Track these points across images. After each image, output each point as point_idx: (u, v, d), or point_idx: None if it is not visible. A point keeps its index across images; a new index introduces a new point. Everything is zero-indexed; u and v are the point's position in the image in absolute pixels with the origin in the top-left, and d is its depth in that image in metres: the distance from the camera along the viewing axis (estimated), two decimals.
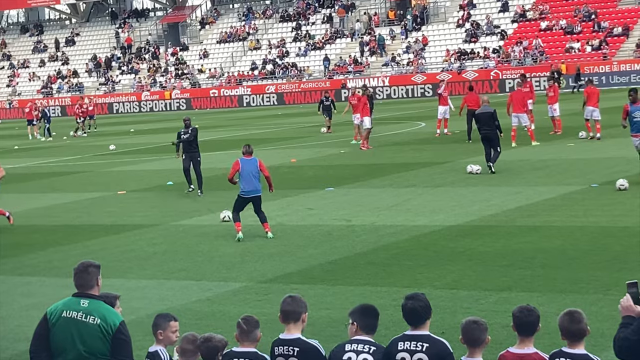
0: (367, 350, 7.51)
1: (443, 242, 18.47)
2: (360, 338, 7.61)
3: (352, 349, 7.56)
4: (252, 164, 20.70)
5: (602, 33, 76.60)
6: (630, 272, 14.57)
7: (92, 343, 7.84)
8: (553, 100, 37.93)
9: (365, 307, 7.84)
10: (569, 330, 7.18)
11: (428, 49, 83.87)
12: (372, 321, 7.70)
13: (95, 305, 7.94)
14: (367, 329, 7.65)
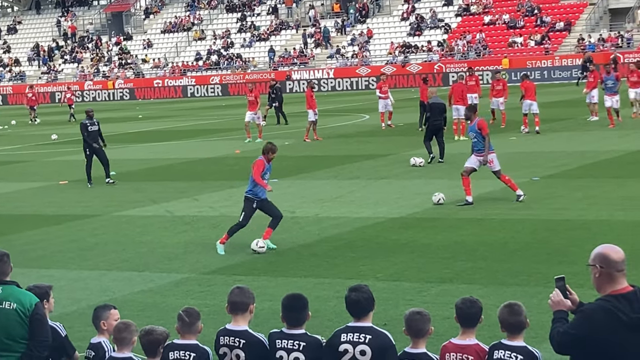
0: (298, 347, 7.50)
1: (386, 234, 18.55)
2: (291, 332, 7.59)
3: (282, 346, 7.54)
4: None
5: (545, 28, 77.32)
6: (570, 264, 14.75)
7: (11, 329, 7.81)
8: (500, 94, 38.27)
9: (289, 301, 7.74)
10: (508, 322, 7.25)
11: (373, 41, 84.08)
12: (297, 314, 7.63)
13: (8, 290, 7.93)
14: (293, 322, 7.64)
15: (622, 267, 6.52)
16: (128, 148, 39.65)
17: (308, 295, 13.97)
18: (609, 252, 6.53)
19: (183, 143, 41.01)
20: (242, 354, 7.64)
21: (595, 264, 6.55)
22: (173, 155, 35.87)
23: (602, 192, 21.63)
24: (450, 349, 7.38)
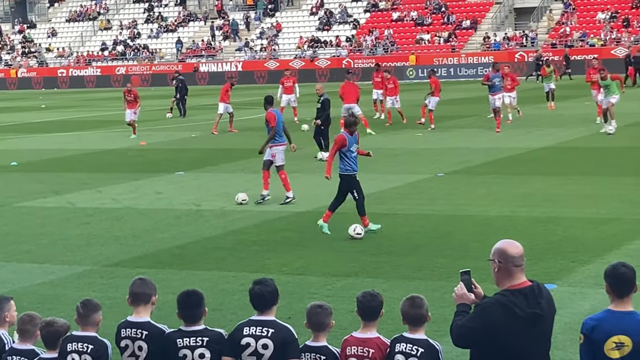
0: (201, 343, 7.44)
1: (292, 228, 18.54)
2: (191, 330, 7.53)
3: (185, 344, 7.47)
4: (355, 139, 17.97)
5: (452, 26, 78.17)
6: (472, 259, 14.90)
7: None
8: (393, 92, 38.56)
9: (183, 297, 7.64)
10: (409, 315, 7.30)
11: (282, 35, 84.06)
12: (192, 311, 7.57)
13: None
14: (190, 319, 7.57)
15: (520, 263, 6.61)
16: (30, 138, 38.99)
17: (212, 288, 13.99)
18: (507, 248, 6.62)
19: (86, 134, 40.48)
20: (145, 345, 7.56)
21: (495, 258, 6.65)
22: (76, 147, 35.39)
23: (505, 189, 21.93)
24: (351, 343, 7.40)
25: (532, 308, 6.51)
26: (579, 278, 13.89)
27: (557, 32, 73.72)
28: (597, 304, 11.92)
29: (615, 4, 74.80)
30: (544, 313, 6.58)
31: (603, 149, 28.31)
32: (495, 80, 35.05)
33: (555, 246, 15.95)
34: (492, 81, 35.03)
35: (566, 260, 14.97)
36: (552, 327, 6.82)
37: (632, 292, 6.82)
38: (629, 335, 6.69)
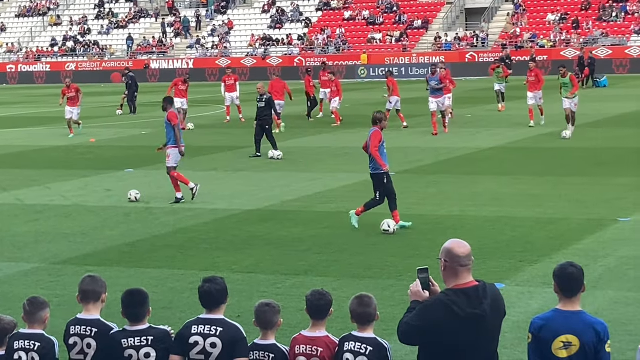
0: (146, 342, 7.39)
1: (242, 226, 18.50)
2: (135, 329, 7.46)
3: (130, 344, 7.41)
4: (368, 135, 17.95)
5: (403, 25, 78.44)
6: (422, 258, 14.95)
7: None
8: (335, 94, 38.65)
9: (127, 296, 7.59)
10: (357, 313, 7.30)
11: (233, 33, 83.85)
12: (136, 310, 7.51)
13: None
14: (133, 318, 7.51)
15: (466, 262, 6.62)
16: None
17: (161, 286, 13.92)
18: (453, 247, 6.65)
19: (35, 130, 40.13)
20: (94, 343, 7.51)
21: (442, 257, 6.68)
22: (24, 143, 35.05)
23: (455, 188, 22.05)
24: (300, 341, 7.39)
25: (474, 308, 6.52)
26: (527, 277, 13.99)
27: (507, 33, 74.22)
28: (545, 303, 12.02)
29: (565, 5, 75.49)
30: (486, 314, 6.56)
31: (551, 149, 28.54)
32: (433, 83, 34.37)
33: (504, 245, 16.06)
34: (430, 84, 34.46)
35: (514, 259, 15.07)
36: (500, 328, 6.82)
37: (580, 292, 6.87)
38: (576, 334, 6.75)
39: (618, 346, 10.05)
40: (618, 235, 16.51)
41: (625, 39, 69.94)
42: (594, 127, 33.72)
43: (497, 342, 6.82)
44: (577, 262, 7.01)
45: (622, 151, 27.42)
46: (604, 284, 13.41)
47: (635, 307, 12.21)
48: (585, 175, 23.28)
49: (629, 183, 21.78)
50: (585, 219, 17.96)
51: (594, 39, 70.32)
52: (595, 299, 12.42)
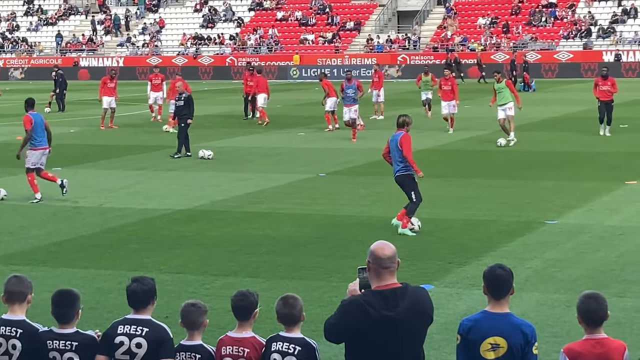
0: (70, 347, 7.28)
1: (172, 226, 18.38)
2: (62, 332, 7.36)
3: (54, 347, 7.32)
4: (395, 138, 17.54)
5: (336, 27, 78.62)
6: (352, 259, 14.98)
7: None
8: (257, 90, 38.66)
9: (56, 296, 7.48)
10: (283, 314, 7.31)
11: (164, 31, 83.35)
12: (64, 310, 7.40)
13: None
14: (62, 319, 7.40)
15: (388, 265, 6.62)
16: None
17: (88, 286, 13.77)
18: (376, 249, 6.66)
19: None
20: (19, 344, 7.40)
21: (368, 259, 6.69)
22: None
23: (386, 190, 22.09)
24: (226, 342, 7.37)
25: (388, 311, 6.52)
26: (455, 279, 14.08)
27: (438, 36, 74.79)
28: (473, 305, 12.12)
29: (495, 9, 76.26)
30: (400, 317, 6.53)
31: (481, 152, 28.79)
32: (349, 91, 33.38)
33: (433, 247, 16.15)
34: (346, 92, 33.43)
35: (443, 261, 15.17)
36: (422, 331, 6.78)
37: (508, 294, 6.92)
38: (504, 336, 6.80)
39: (544, 348, 10.14)
40: (545, 238, 16.70)
41: (554, 43, 70.86)
42: (523, 130, 34.06)
43: (418, 344, 6.78)
44: (506, 264, 7.06)
45: (549, 155, 27.76)
46: (531, 286, 13.55)
47: (561, 309, 12.36)
48: (513, 178, 23.51)
49: (556, 186, 22.06)
50: (513, 222, 18.14)
51: (524, 43, 71.14)
52: (522, 301, 12.55)
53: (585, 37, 70.54)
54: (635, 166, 24.87)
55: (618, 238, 16.55)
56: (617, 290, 13.18)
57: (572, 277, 14.02)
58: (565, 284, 13.61)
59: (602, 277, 13.94)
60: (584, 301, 6.87)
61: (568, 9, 73.57)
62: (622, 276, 13.98)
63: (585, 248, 15.86)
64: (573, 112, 40.65)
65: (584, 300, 6.87)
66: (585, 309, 6.84)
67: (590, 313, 6.82)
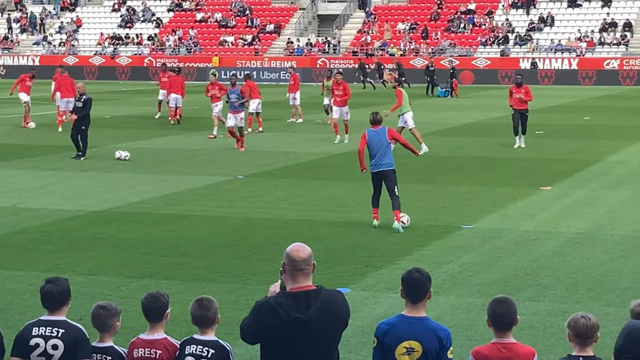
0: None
1: (86, 228, 18.15)
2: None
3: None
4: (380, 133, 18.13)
5: (256, 29, 78.52)
6: (268, 262, 14.97)
7: None
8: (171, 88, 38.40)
9: None
10: (197, 317, 7.29)
11: (82, 31, 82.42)
12: None
13: None
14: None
15: (302, 267, 6.60)
16: None
17: (0, 288, 13.50)
18: (291, 251, 6.65)
19: None
20: None
21: (283, 261, 6.68)
22: None
23: (304, 192, 22.14)
24: (138, 345, 7.32)
25: (299, 313, 6.50)
26: (372, 282, 14.12)
27: (358, 41, 75.14)
28: (389, 308, 12.17)
29: (414, 15, 76.87)
30: (311, 319, 6.50)
31: (398, 156, 28.84)
32: (233, 96, 30.77)
33: (350, 250, 16.19)
34: (229, 98, 30.94)
35: (360, 264, 15.21)
36: (334, 334, 6.73)
37: (425, 298, 6.96)
38: (419, 340, 6.84)
39: (459, 351, 10.21)
40: (461, 242, 16.84)
41: (472, 50, 71.66)
42: (440, 135, 34.39)
43: (331, 347, 6.75)
44: (423, 268, 7.09)
45: (465, 160, 28.04)
46: (447, 289, 13.65)
47: (476, 312, 12.46)
48: (430, 182, 23.70)
49: (472, 191, 22.28)
50: (430, 225, 18.27)
51: (442, 49, 71.83)
52: (438, 305, 12.63)
53: (503, 44, 71.48)
54: (549, 172, 25.25)
55: (532, 243, 16.77)
56: (531, 294, 13.34)
57: (487, 281, 14.16)
58: (480, 288, 13.73)
59: (517, 282, 14.10)
60: (493, 305, 6.96)
61: (486, 16, 74.47)
62: (536, 280, 14.16)
63: (501, 252, 16.04)
64: (490, 118, 41.15)
65: (493, 304, 6.97)
66: (493, 312, 6.93)
67: (499, 317, 6.91)
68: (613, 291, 13.57)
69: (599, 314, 11.97)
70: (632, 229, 17.88)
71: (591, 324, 6.84)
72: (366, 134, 18.22)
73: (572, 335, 6.90)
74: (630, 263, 15.28)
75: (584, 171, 25.41)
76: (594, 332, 6.87)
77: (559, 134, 34.65)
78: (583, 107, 47.32)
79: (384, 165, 17.99)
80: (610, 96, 55.15)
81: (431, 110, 45.82)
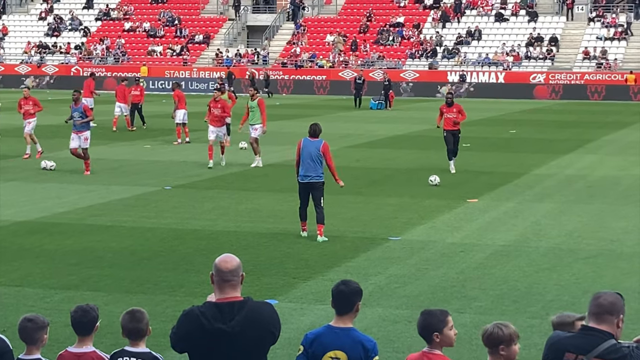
0: None
1: (11, 238, 17.90)
2: None
3: None
4: (315, 145, 18.07)
5: (184, 39, 78.21)
6: (196, 273, 14.90)
7: None
8: None
9: None
10: (129, 329, 7.23)
11: (8, 39, 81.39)
12: None
13: None
14: None
15: (229, 278, 6.56)
16: None
17: None
18: (219, 262, 6.63)
19: None
20: None
21: (211, 271, 6.66)
22: None
23: (231, 204, 22.07)
24: (66, 358, 7.26)
25: (222, 323, 6.46)
26: (300, 294, 14.12)
27: (287, 52, 75.22)
28: (317, 320, 12.18)
29: (344, 27, 77.19)
30: (234, 331, 6.46)
31: None
32: (75, 114, 27.13)
33: (278, 262, 16.17)
34: (72, 116, 27.29)
35: (288, 276, 15.20)
36: (259, 346, 6.66)
37: (352, 311, 7.00)
38: (344, 350, 6.89)
39: None
40: (388, 254, 16.92)
41: (400, 62, 72.14)
42: (368, 147, 34.56)
43: (258, 359, 6.71)
44: (352, 279, 7.12)
45: (393, 171, 28.20)
46: (374, 301, 13.70)
47: (403, 324, 12.52)
48: (357, 194, 23.75)
49: (400, 203, 22.40)
50: (358, 237, 18.32)
51: (372, 61, 72.22)
52: (365, 316, 12.66)
53: (431, 57, 72.09)
54: (476, 184, 25.49)
55: (459, 255, 16.90)
56: (458, 306, 13.44)
57: (414, 293, 14.23)
58: (407, 300, 13.80)
59: (443, 293, 14.20)
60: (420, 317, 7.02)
61: (415, 29, 75.05)
62: (463, 292, 14.27)
63: (428, 264, 16.14)
64: (417, 130, 41.43)
65: (421, 316, 7.02)
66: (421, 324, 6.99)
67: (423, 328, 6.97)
68: (538, 303, 13.73)
69: (524, 325, 12.13)
70: (557, 242, 18.12)
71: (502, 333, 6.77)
72: (302, 141, 18.26)
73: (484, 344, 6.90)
74: (554, 275, 15.47)
75: (510, 184, 25.69)
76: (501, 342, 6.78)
77: (486, 146, 35.02)
78: (509, 120, 47.90)
79: (313, 178, 17.99)
80: (536, 110, 55.90)
81: (360, 122, 46.04)
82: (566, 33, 72.80)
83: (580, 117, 50.24)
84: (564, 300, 13.81)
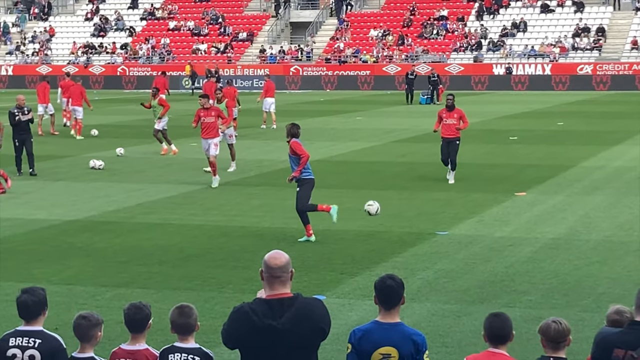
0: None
1: (61, 237, 18.08)
2: None
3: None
4: None
5: (228, 37, 78.46)
6: (244, 270, 14.97)
7: None
8: None
9: None
10: (178, 324, 7.27)
11: (55, 40, 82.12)
12: None
13: None
14: None
15: (279, 274, 6.58)
16: None
17: None
18: (268, 259, 6.64)
19: None
20: None
21: (261, 268, 6.68)
22: None
23: (278, 200, 22.10)
24: (119, 355, 7.30)
25: (272, 320, 6.48)
26: (347, 290, 14.14)
27: (331, 48, 75.20)
28: (365, 315, 12.18)
29: (387, 22, 77.01)
30: (283, 327, 6.48)
31: (370, 163, 28.96)
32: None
33: (326, 258, 16.19)
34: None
35: (336, 272, 15.22)
36: (311, 342, 6.66)
37: (398, 305, 6.97)
38: (395, 346, 6.86)
39: (435, 357, 10.25)
40: (436, 249, 16.88)
41: (445, 56, 71.87)
42: (412, 142, 34.46)
43: (308, 355, 6.69)
44: (397, 274, 7.11)
45: (439, 166, 28.08)
46: (422, 296, 13.68)
47: (452, 318, 12.50)
48: (403, 189, 23.71)
49: (446, 197, 22.33)
50: (404, 232, 18.30)
51: (416, 55, 72.00)
52: (414, 311, 12.65)
53: (476, 50, 71.75)
54: (524, 178, 25.34)
55: (507, 249, 16.82)
56: (507, 300, 13.39)
57: (462, 287, 14.19)
58: (456, 295, 13.77)
59: (492, 288, 14.14)
60: (490, 319, 7.06)
61: (459, 22, 74.73)
62: (512, 287, 14.21)
63: (476, 259, 16.08)
64: None
65: (489, 318, 7.07)
66: (490, 326, 7.02)
67: (496, 330, 7.01)
68: (589, 296, 13.64)
69: (575, 319, 12.05)
70: (607, 234, 17.98)
71: (562, 328, 6.90)
72: None
73: (545, 340, 6.96)
74: (605, 268, 15.36)
75: (558, 176, 25.52)
76: (565, 336, 6.92)
77: (533, 139, 34.79)
78: (557, 112, 47.55)
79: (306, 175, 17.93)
80: (584, 101, 55.45)
81: (406, 116, 45.92)
82: (613, 23, 72.12)
83: (628, 108, 49.75)
84: (616, 293, 13.70)
